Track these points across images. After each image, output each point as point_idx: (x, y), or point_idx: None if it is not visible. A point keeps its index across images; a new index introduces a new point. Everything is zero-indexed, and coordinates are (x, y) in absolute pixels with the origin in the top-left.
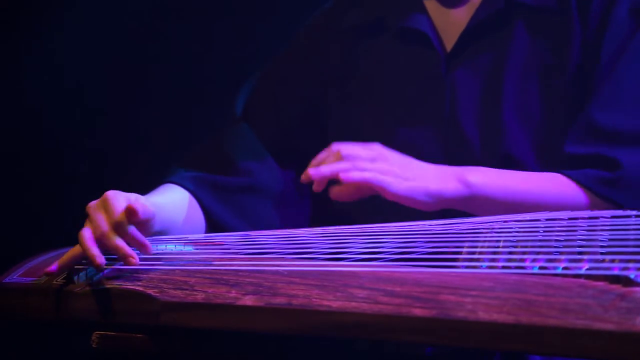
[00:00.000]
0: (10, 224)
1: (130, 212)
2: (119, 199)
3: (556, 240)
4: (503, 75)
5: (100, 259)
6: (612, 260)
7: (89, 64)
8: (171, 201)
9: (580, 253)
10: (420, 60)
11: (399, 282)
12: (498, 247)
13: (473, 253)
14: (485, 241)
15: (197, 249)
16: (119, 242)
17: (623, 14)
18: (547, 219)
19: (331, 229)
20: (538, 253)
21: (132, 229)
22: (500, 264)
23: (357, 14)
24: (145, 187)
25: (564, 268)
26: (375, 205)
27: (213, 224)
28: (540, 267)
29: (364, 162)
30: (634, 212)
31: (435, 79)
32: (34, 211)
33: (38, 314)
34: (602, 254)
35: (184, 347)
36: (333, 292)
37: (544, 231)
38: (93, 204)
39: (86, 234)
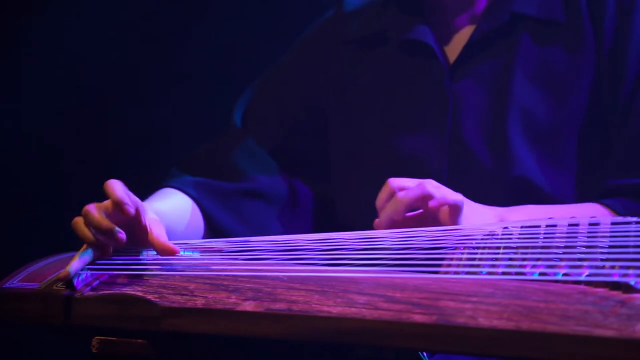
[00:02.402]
0: (10, 228)
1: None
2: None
3: (556, 247)
4: (508, 87)
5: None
6: (612, 267)
7: (88, 64)
8: (173, 207)
9: (580, 259)
10: (424, 71)
11: (399, 288)
12: (498, 253)
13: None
14: (485, 247)
15: (201, 254)
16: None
17: None
18: (547, 225)
19: (329, 235)
20: (538, 259)
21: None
22: (500, 270)
23: (360, 24)
24: (146, 188)
25: (564, 274)
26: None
27: (214, 230)
28: (541, 274)
29: (435, 189)
30: (634, 219)
31: (439, 90)
32: (34, 216)
33: (38, 320)
34: (602, 260)
35: (184, 352)
36: (333, 297)
37: (544, 237)
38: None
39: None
